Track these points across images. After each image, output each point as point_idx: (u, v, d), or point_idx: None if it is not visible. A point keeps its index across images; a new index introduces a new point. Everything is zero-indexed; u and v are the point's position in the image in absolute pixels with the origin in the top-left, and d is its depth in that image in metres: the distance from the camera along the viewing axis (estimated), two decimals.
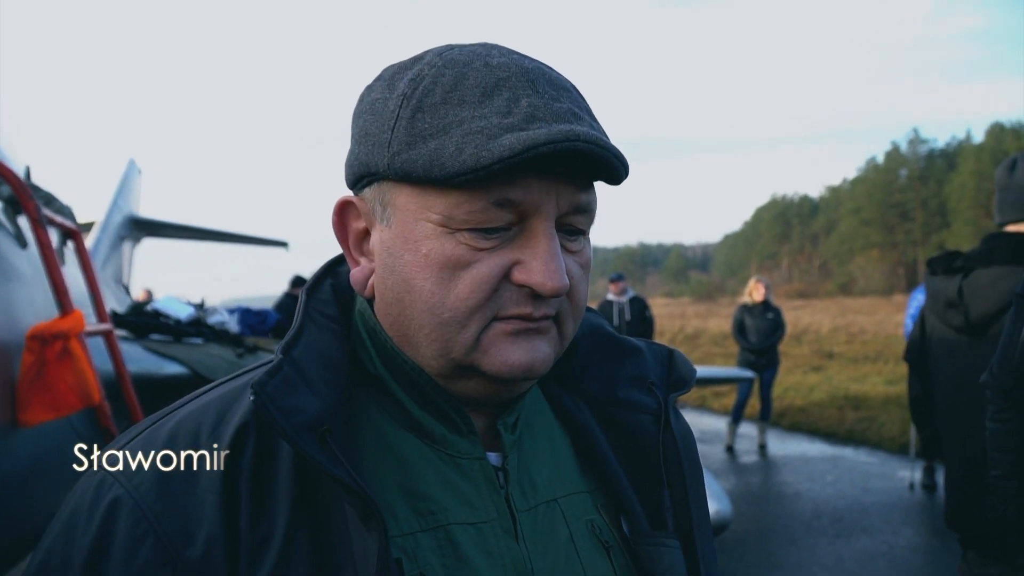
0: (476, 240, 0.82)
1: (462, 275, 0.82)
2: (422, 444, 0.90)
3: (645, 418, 1.03)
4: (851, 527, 7.08)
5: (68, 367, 2.71)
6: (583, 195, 0.86)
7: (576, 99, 0.87)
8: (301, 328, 0.89)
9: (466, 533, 0.86)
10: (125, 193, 9.20)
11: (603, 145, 0.80)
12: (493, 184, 0.80)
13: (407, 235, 0.84)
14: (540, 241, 0.83)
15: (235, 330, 4.99)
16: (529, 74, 0.84)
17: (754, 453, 10.38)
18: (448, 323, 0.83)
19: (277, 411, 0.77)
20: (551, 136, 0.77)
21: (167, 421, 0.86)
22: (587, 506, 0.98)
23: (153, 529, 0.77)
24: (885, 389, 14.53)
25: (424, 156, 0.80)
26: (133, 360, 3.81)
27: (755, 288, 10.57)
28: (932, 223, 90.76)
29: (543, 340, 0.87)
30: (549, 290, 0.82)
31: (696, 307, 56.50)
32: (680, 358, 1.10)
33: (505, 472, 0.93)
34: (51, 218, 3.12)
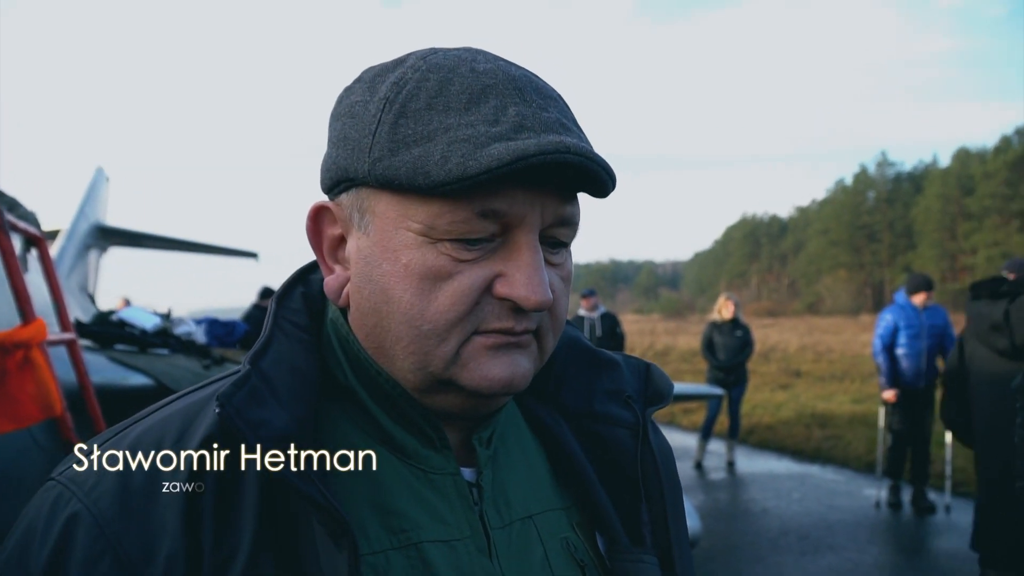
0: (458, 251, 0.80)
1: (443, 287, 0.80)
2: (394, 459, 0.87)
3: (622, 432, 1.01)
4: (817, 544, 7.11)
5: (29, 377, 2.65)
6: (567, 207, 0.84)
7: (563, 109, 0.86)
8: (270, 338, 0.86)
9: (439, 551, 0.84)
10: (92, 201, 9.08)
11: (592, 158, 0.79)
12: (477, 194, 0.78)
13: (386, 243, 0.82)
14: (524, 254, 0.81)
15: (202, 341, 4.92)
16: (516, 82, 0.82)
17: (722, 470, 10.42)
18: (427, 336, 0.81)
19: (244, 424, 0.74)
20: (541, 147, 0.75)
21: (129, 432, 0.83)
22: (562, 523, 0.96)
23: (112, 547, 0.74)
24: (852, 407, 14.66)
25: (407, 163, 0.78)
26: (97, 371, 3.74)
27: (724, 305, 10.64)
28: (898, 245, 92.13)
29: (523, 355, 0.85)
30: (532, 304, 0.80)
31: (666, 324, 56.78)
32: (657, 372, 1.09)
33: (479, 488, 0.91)
34: (14, 223, 3.06)
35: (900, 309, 8.09)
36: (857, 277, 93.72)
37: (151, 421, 0.84)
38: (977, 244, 75.93)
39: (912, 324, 7.95)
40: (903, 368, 7.99)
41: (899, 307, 8.13)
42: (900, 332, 7.99)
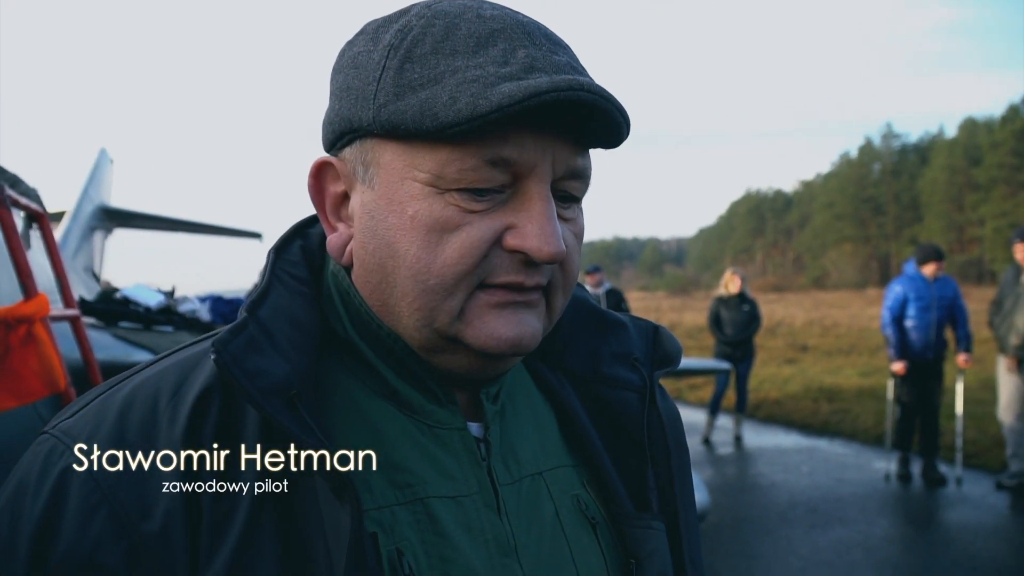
0: (467, 201, 0.77)
1: (451, 238, 0.77)
2: (398, 413, 0.85)
3: (629, 395, 0.99)
4: (826, 517, 7.10)
5: (32, 352, 2.63)
6: (579, 159, 0.81)
7: (572, 55, 0.83)
8: (267, 288, 0.83)
9: (446, 507, 0.82)
10: (96, 183, 9.05)
11: (606, 96, 0.75)
12: (487, 140, 0.75)
13: (392, 196, 0.79)
14: (535, 204, 0.78)
15: (206, 319, 4.90)
16: (525, 27, 0.79)
17: (730, 445, 10.42)
18: (434, 290, 0.78)
19: (240, 372, 0.72)
20: (554, 84, 0.72)
21: (124, 386, 0.81)
22: (573, 481, 0.94)
23: (107, 499, 0.71)
24: (859, 381, 14.65)
25: (414, 106, 0.75)
26: (101, 347, 3.73)
27: (731, 280, 10.58)
28: (905, 217, 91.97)
29: (532, 314, 0.82)
30: (545, 255, 0.77)
31: (671, 301, 56.86)
32: (665, 334, 1.06)
33: (487, 444, 0.89)
34: (15, 199, 3.03)
35: (910, 280, 8.04)
36: (863, 251, 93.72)
37: (147, 374, 0.82)
38: (985, 215, 75.80)
39: (922, 296, 7.89)
40: (912, 340, 7.94)
41: (908, 278, 8.08)
42: (910, 304, 7.94)
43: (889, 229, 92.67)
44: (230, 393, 0.77)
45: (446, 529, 0.80)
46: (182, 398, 0.77)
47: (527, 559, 0.85)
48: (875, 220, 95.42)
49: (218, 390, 0.77)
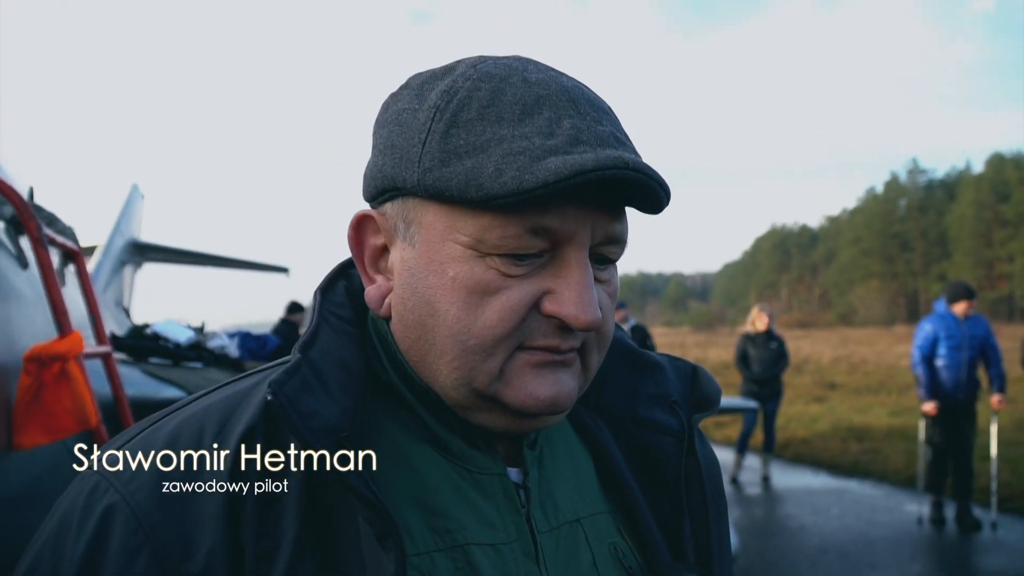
0: (507, 266, 0.78)
1: (491, 301, 0.78)
2: (439, 458, 0.85)
3: (667, 440, 0.98)
4: (858, 562, 6.96)
5: (66, 389, 2.66)
6: (618, 225, 0.82)
7: (615, 122, 0.83)
8: (317, 329, 0.84)
9: (485, 554, 0.81)
10: (128, 218, 9.21)
11: (650, 174, 0.76)
12: (529, 209, 0.75)
13: (432, 256, 0.80)
14: (573, 272, 0.79)
15: (235, 354, 4.93)
16: (569, 93, 0.80)
17: (757, 485, 10.26)
18: (473, 350, 0.79)
19: (295, 413, 0.72)
20: (600, 162, 0.73)
21: (168, 421, 0.81)
22: (610, 528, 0.94)
23: (149, 540, 0.71)
24: (889, 420, 14.40)
25: (460, 175, 0.75)
26: (131, 383, 3.75)
27: (758, 317, 10.49)
28: (932, 253, 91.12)
29: (568, 373, 0.83)
30: (582, 324, 0.78)
31: (696, 336, 56.48)
32: (704, 376, 1.05)
33: (526, 490, 0.88)
34: (52, 238, 3.08)
35: (940, 319, 7.92)
36: (890, 287, 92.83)
37: (192, 410, 0.82)
38: (1014, 251, 74.98)
39: (953, 335, 7.77)
40: (943, 379, 7.80)
41: (939, 316, 7.96)
42: (940, 343, 7.81)
43: (916, 265, 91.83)
44: (274, 431, 0.77)
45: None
46: (226, 436, 0.77)
47: None
48: (902, 256, 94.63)
49: (262, 429, 0.77)
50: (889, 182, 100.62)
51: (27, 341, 2.80)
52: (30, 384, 2.62)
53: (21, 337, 2.85)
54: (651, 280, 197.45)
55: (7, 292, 2.93)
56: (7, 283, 2.95)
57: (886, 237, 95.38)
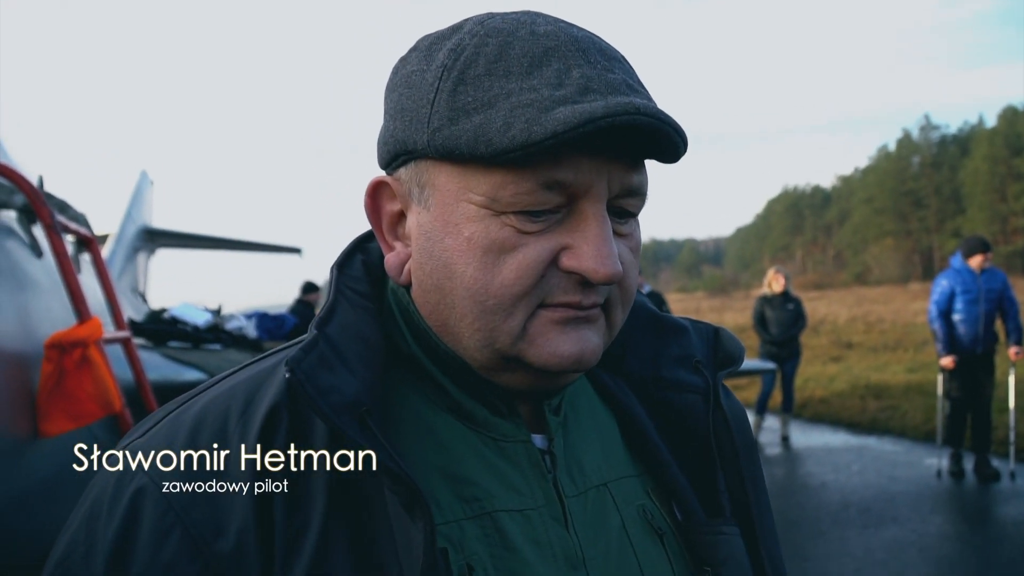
0: (522, 223, 0.77)
1: (507, 259, 0.77)
2: (463, 427, 0.85)
3: (692, 397, 0.97)
4: (879, 517, 6.98)
5: (87, 375, 2.69)
6: (635, 176, 0.80)
7: (628, 70, 0.81)
8: (334, 305, 0.84)
9: (513, 520, 0.81)
10: (138, 204, 9.25)
11: (663, 118, 0.74)
12: (542, 163, 0.74)
13: (447, 217, 0.79)
14: (591, 225, 0.78)
15: (253, 335, 4.96)
16: (579, 43, 0.78)
17: (777, 445, 10.29)
18: (492, 310, 0.78)
19: (313, 389, 0.72)
20: (609, 109, 0.71)
21: (192, 404, 0.82)
22: (638, 491, 0.93)
23: (181, 520, 0.72)
24: (907, 377, 14.39)
25: (468, 132, 0.74)
26: (152, 367, 3.79)
27: (775, 279, 10.46)
28: (946, 210, 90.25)
29: (591, 330, 0.82)
30: (601, 277, 0.77)
31: (710, 301, 56.29)
32: (727, 335, 1.04)
33: (552, 456, 0.88)
34: (65, 225, 3.10)
35: (956, 273, 7.89)
36: (904, 245, 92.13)
37: (215, 392, 0.83)
38: None
39: (969, 288, 7.74)
40: (961, 334, 7.79)
41: (955, 271, 7.93)
42: (957, 297, 7.79)
43: (931, 222, 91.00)
44: (297, 409, 0.77)
45: (515, 543, 0.80)
46: (252, 415, 0.77)
47: (595, 572, 0.84)
48: (916, 214, 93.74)
49: (286, 406, 0.77)
50: (901, 139, 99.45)
51: (46, 329, 2.83)
52: (52, 371, 2.66)
53: (40, 325, 2.88)
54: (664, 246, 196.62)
55: (23, 281, 2.95)
56: (23, 272, 2.97)
57: (899, 195, 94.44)
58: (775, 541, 0.99)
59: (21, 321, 2.78)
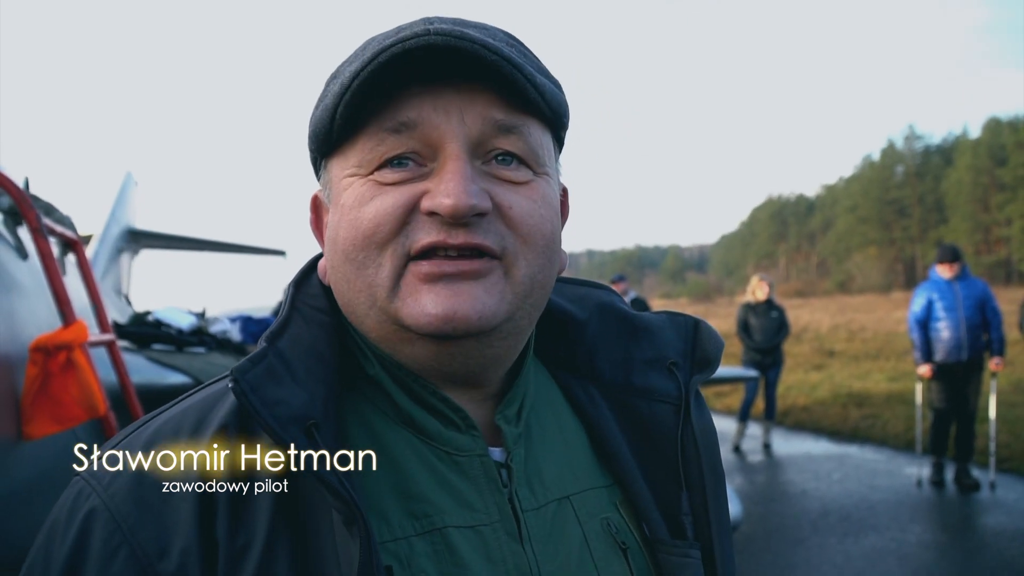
0: (383, 175, 0.80)
1: (366, 208, 0.79)
2: (417, 441, 0.85)
3: (663, 407, 0.96)
4: (859, 525, 7.03)
5: (72, 378, 2.67)
6: (498, 111, 0.80)
7: (487, 28, 0.84)
8: (287, 320, 0.85)
9: (464, 536, 0.81)
10: (122, 205, 9.17)
11: (460, 35, 0.75)
12: (384, 112, 0.78)
13: (337, 200, 0.84)
14: (447, 164, 0.78)
15: (238, 339, 4.95)
16: (432, 18, 0.81)
17: (759, 452, 10.34)
18: (363, 263, 0.80)
19: (258, 401, 0.73)
20: (401, 36, 0.75)
21: (148, 427, 0.83)
22: (603, 503, 0.92)
23: (127, 540, 0.74)
24: (888, 386, 14.48)
25: (320, 109, 0.82)
26: (136, 370, 3.77)
27: (758, 287, 10.51)
28: (929, 219, 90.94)
29: (476, 285, 0.79)
30: (447, 208, 0.76)
31: (694, 308, 56.43)
32: (707, 330, 1.02)
33: (508, 469, 0.87)
34: (52, 228, 3.09)
35: (933, 283, 8.00)
36: (888, 253, 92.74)
37: (171, 413, 0.84)
38: (1011, 215, 74.81)
39: (945, 296, 7.84)
40: (944, 340, 7.86)
41: (932, 282, 8.04)
42: (935, 306, 7.88)
43: (914, 232, 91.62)
44: (246, 429, 0.79)
45: (465, 559, 0.80)
46: (201, 435, 0.79)
47: None
48: (899, 223, 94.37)
49: (235, 426, 0.79)
50: (886, 149, 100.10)
51: (31, 332, 2.82)
52: (37, 374, 2.64)
53: (25, 328, 2.86)
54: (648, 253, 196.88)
55: (8, 283, 2.93)
56: (8, 274, 2.95)
57: (883, 204, 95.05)
58: (732, 563, 0.98)
59: (5, 323, 2.76)
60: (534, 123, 0.83)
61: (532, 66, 0.82)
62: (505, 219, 0.80)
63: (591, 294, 1.04)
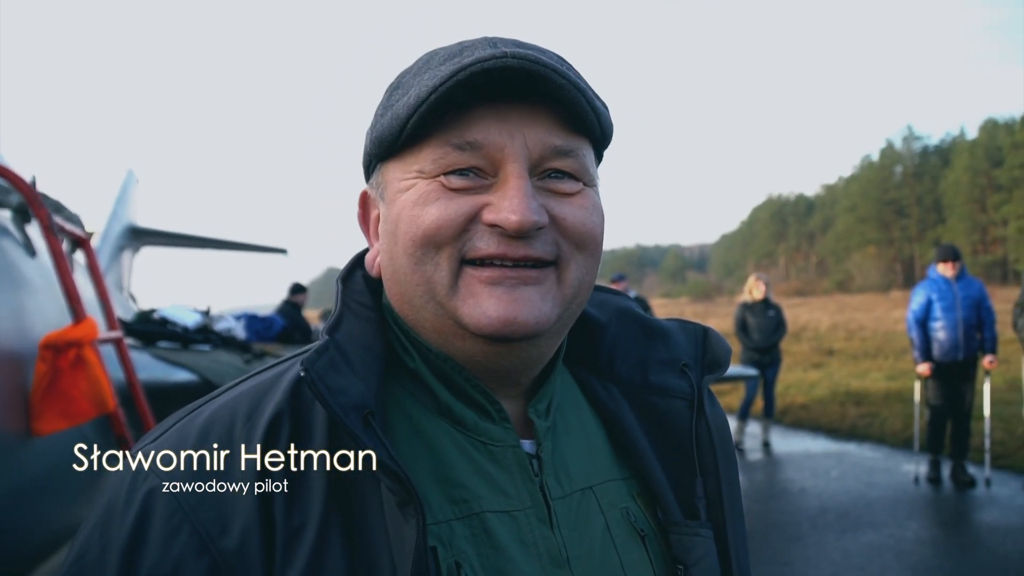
0: (448, 180, 0.84)
1: (429, 208, 0.84)
2: (455, 431, 0.90)
3: (679, 403, 1.02)
4: (857, 522, 7.07)
5: (82, 375, 2.71)
6: (557, 136, 0.85)
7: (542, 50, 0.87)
8: (341, 315, 0.91)
9: (500, 521, 0.86)
10: (124, 203, 9.20)
11: (538, 60, 0.79)
12: (452, 128, 0.83)
13: (394, 199, 0.88)
14: (508, 181, 0.83)
15: (242, 336, 4.99)
16: (494, 39, 0.85)
17: (758, 451, 10.37)
18: (422, 260, 0.84)
19: (325, 388, 0.78)
20: (478, 58, 0.79)
21: (201, 412, 0.87)
22: (622, 494, 0.98)
23: (188, 519, 0.77)
24: (886, 384, 14.51)
25: (388, 118, 0.86)
26: (143, 367, 3.81)
27: (755, 286, 10.54)
28: (928, 219, 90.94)
29: (533, 290, 0.84)
30: (512, 225, 0.81)
31: (694, 307, 56.44)
32: (715, 337, 1.08)
33: (539, 460, 0.92)
34: (62, 226, 3.13)
35: (932, 282, 8.03)
36: (886, 253, 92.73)
37: (222, 400, 0.88)
38: (1008, 215, 74.88)
39: (945, 296, 7.88)
40: (941, 340, 7.90)
41: (932, 281, 8.06)
42: (934, 305, 7.92)
43: (912, 231, 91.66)
44: (299, 416, 0.83)
45: (501, 542, 0.84)
46: (256, 421, 0.83)
47: (579, 570, 0.88)
48: (898, 223, 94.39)
49: (288, 414, 0.83)
50: (885, 149, 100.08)
51: (40, 329, 2.85)
52: (46, 371, 2.68)
53: (34, 325, 2.90)
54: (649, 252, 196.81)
55: (19, 280, 2.97)
56: (18, 272, 2.99)
57: (882, 204, 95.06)
58: (744, 548, 1.04)
59: (15, 321, 2.80)
60: (585, 144, 0.89)
61: (590, 90, 0.87)
62: (560, 228, 0.86)
63: (610, 299, 1.10)
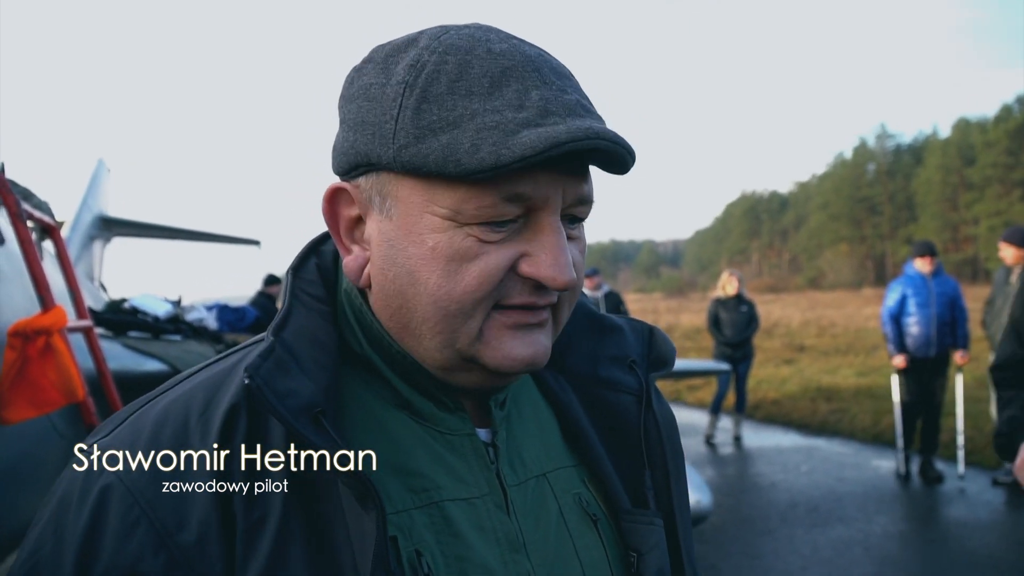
0: (484, 233, 0.81)
1: (470, 267, 0.81)
2: (412, 422, 0.90)
3: (626, 398, 1.04)
4: (827, 516, 7.16)
5: (51, 363, 2.68)
6: (586, 186, 0.86)
7: (579, 88, 0.86)
8: (290, 310, 0.88)
9: (459, 508, 0.87)
10: (94, 192, 9.10)
11: (618, 142, 0.80)
12: (503, 179, 0.78)
13: (411, 227, 0.82)
14: (548, 235, 0.82)
15: (213, 327, 4.96)
16: (534, 62, 0.82)
17: (729, 445, 10.46)
18: (454, 315, 0.83)
19: (272, 395, 0.76)
20: (572, 134, 0.76)
21: (154, 406, 0.85)
22: (574, 480, 0.99)
23: (146, 514, 0.76)
24: (856, 381, 14.70)
25: (436, 151, 0.77)
26: (113, 357, 3.77)
27: (728, 281, 10.63)
28: (900, 217, 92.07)
29: (542, 332, 0.88)
30: (560, 285, 0.82)
31: (668, 302, 56.86)
32: (660, 336, 1.11)
33: (495, 448, 0.94)
34: (30, 213, 3.09)
35: (909, 279, 8.13)
36: (859, 251, 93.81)
37: (176, 393, 0.86)
38: (979, 214, 76.06)
39: (920, 292, 7.99)
40: (915, 335, 8.01)
41: (908, 277, 8.17)
42: (909, 301, 8.02)
43: (884, 229, 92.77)
44: (255, 409, 0.81)
45: (460, 529, 0.85)
46: (211, 415, 0.81)
47: (535, 554, 0.90)
48: (870, 220, 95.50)
49: (244, 406, 0.81)
50: (858, 147, 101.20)
51: (8, 317, 2.82)
52: (15, 359, 2.64)
53: (2, 313, 2.86)
54: (623, 247, 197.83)
55: None
56: None
57: (854, 202, 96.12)
58: (690, 539, 1.07)
59: None
60: None
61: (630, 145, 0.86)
62: None
63: None
